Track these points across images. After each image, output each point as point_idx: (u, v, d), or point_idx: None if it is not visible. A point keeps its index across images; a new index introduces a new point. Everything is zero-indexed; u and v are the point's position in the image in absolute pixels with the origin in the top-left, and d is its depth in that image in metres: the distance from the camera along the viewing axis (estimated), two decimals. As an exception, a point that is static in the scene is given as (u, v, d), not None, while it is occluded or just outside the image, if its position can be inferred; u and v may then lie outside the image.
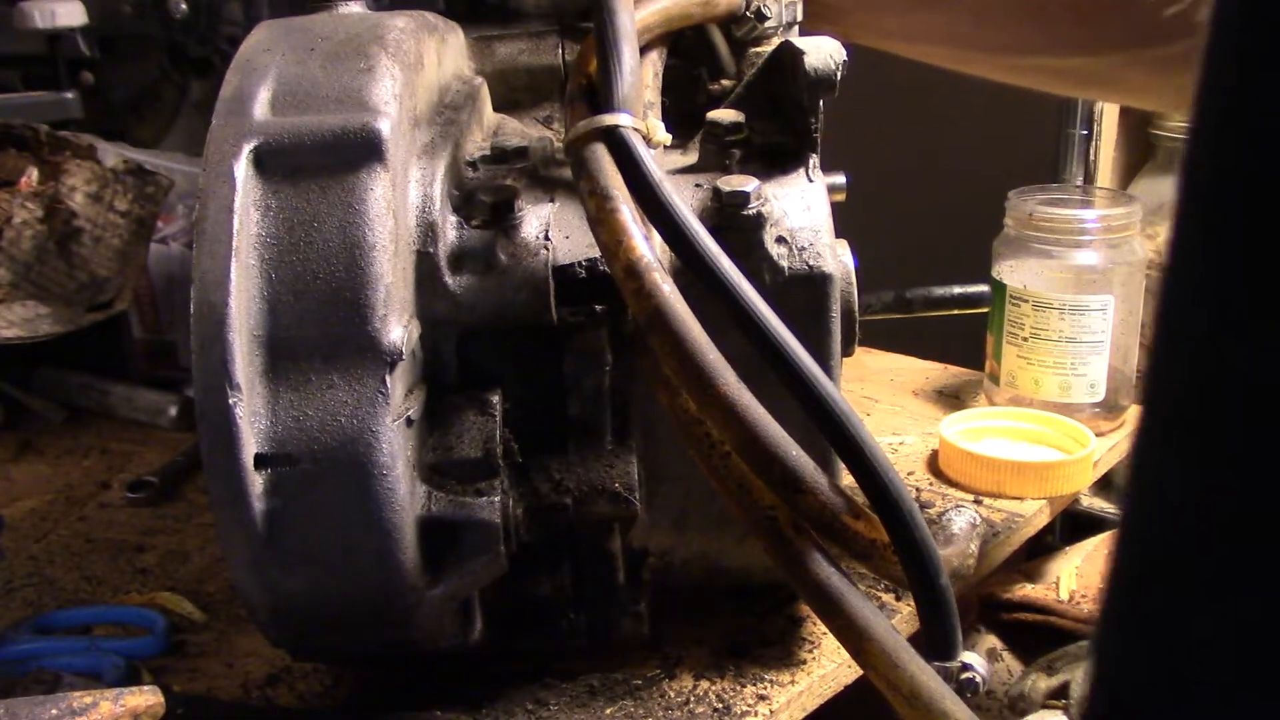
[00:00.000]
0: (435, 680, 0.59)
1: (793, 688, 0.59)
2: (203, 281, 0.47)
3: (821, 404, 0.47)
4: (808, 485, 0.48)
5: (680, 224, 0.48)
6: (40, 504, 0.84)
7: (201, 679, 0.62)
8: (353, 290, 0.48)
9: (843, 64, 0.56)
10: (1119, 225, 0.87)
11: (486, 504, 0.51)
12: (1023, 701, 0.80)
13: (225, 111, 0.50)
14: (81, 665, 0.61)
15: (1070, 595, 0.87)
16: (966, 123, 1.32)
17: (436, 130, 0.56)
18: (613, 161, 0.50)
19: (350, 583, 0.49)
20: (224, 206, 0.48)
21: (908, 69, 0.80)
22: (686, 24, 0.62)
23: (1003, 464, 0.80)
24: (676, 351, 0.47)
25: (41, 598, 0.71)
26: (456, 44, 0.64)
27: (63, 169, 0.91)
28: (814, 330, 0.54)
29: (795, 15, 0.68)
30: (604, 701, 0.58)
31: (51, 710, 0.48)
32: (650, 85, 0.59)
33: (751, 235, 0.54)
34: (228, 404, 0.46)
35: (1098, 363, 0.87)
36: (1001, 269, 0.90)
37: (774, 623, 0.64)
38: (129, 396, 0.99)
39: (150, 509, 0.83)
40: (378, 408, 0.48)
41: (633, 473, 0.56)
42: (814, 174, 0.58)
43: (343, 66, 0.52)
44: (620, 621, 0.59)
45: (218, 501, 0.48)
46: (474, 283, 0.53)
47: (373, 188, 0.49)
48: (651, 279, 0.48)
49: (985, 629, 0.89)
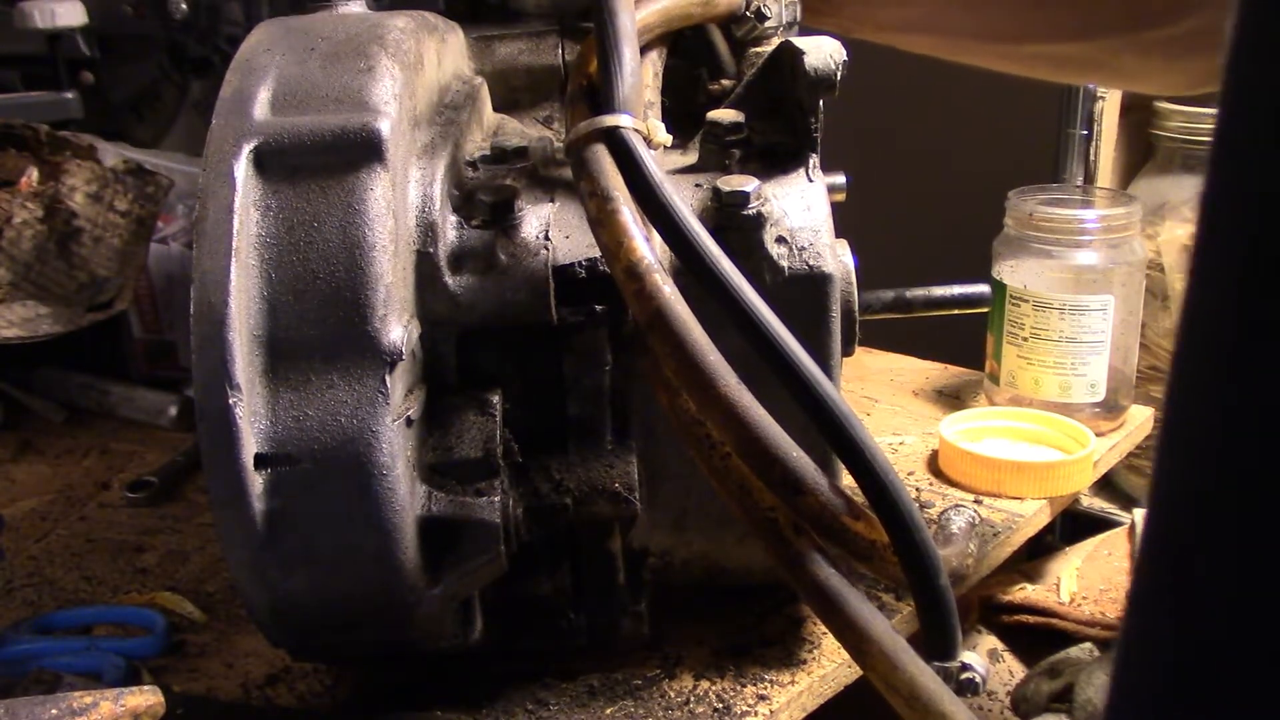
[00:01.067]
0: (435, 680, 0.59)
1: (793, 688, 0.59)
2: (203, 281, 0.47)
3: (821, 405, 0.47)
4: (808, 486, 0.48)
5: (680, 224, 0.48)
6: (40, 504, 0.84)
7: (201, 679, 0.62)
8: (353, 290, 0.48)
9: (843, 64, 0.56)
10: (1119, 225, 0.87)
11: (486, 504, 0.51)
12: (1025, 704, 0.80)
13: (225, 111, 0.50)
14: (81, 665, 0.61)
15: (1071, 597, 0.86)
16: (966, 123, 1.32)
17: (436, 130, 0.56)
18: (613, 162, 0.50)
19: (350, 583, 0.49)
20: (224, 206, 0.48)
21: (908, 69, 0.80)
22: (686, 24, 0.62)
23: (1003, 464, 0.80)
24: (677, 353, 0.47)
25: (41, 598, 0.71)
26: (456, 44, 0.64)
27: (63, 169, 0.91)
28: (814, 330, 0.54)
29: (795, 15, 0.68)
30: (604, 701, 0.58)
31: (51, 710, 0.48)
32: (650, 85, 0.59)
33: (751, 235, 0.54)
34: (228, 404, 0.46)
35: (1098, 363, 0.87)
36: (1001, 269, 0.90)
37: (774, 623, 0.64)
38: (129, 396, 0.99)
39: (150, 509, 0.83)
40: (378, 408, 0.48)
41: (633, 473, 0.56)
42: (814, 174, 0.58)
43: (343, 66, 0.52)
44: (620, 621, 0.59)
45: (218, 501, 0.47)
46: (474, 283, 0.53)
47: (373, 188, 0.49)
48: (652, 280, 0.48)
49: (985, 630, 0.89)
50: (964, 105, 1.28)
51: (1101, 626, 0.83)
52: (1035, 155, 1.14)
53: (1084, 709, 0.76)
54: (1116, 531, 0.96)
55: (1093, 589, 0.87)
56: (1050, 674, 0.81)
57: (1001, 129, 1.27)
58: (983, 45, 0.72)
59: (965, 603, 0.86)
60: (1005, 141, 1.25)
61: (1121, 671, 0.23)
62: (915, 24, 0.72)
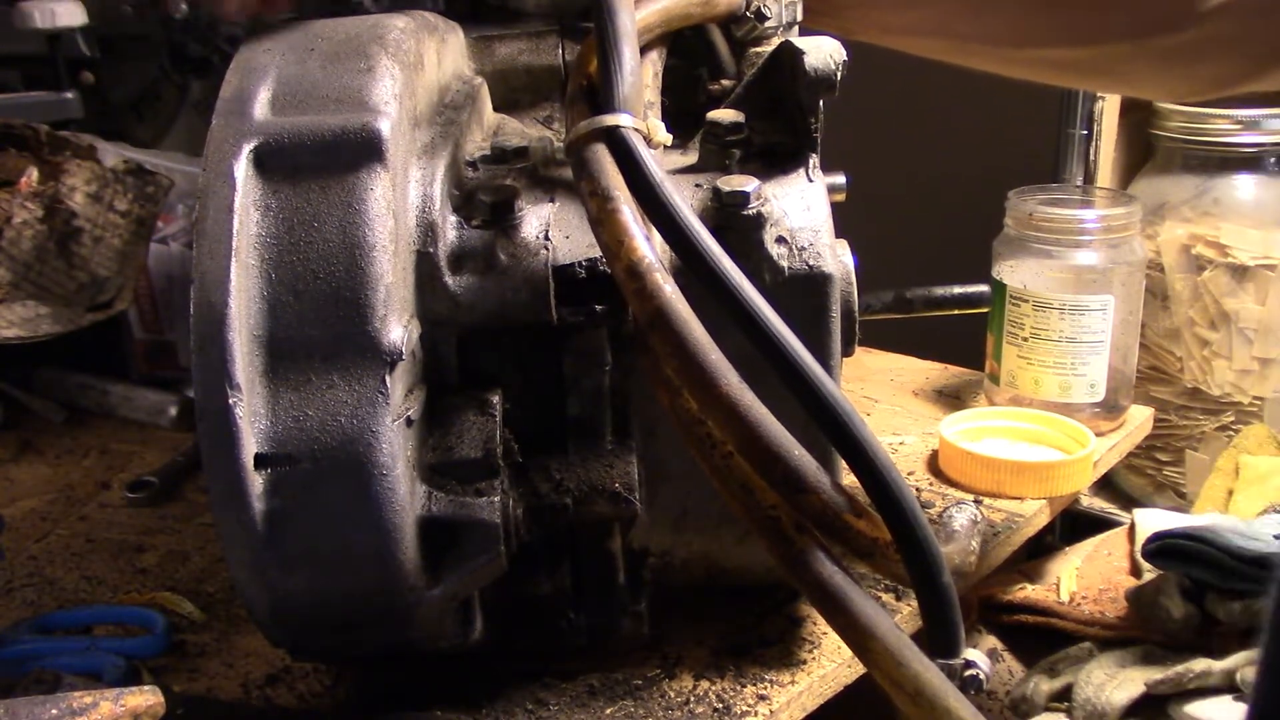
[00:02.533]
0: (435, 680, 0.59)
1: (793, 688, 0.59)
2: (203, 281, 0.47)
3: (823, 403, 0.47)
4: (810, 485, 0.48)
5: (681, 224, 0.48)
6: (40, 504, 0.84)
7: (201, 679, 0.62)
8: (353, 290, 0.48)
9: (843, 64, 0.56)
10: (1119, 225, 0.87)
11: (486, 504, 0.51)
12: (1025, 704, 0.80)
13: (225, 111, 0.50)
14: (81, 665, 0.61)
15: (1071, 597, 0.86)
16: (966, 123, 1.32)
17: (436, 130, 0.56)
18: (614, 162, 0.50)
19: (350, 583, 0.49)
20: (224, 206, 0.48)
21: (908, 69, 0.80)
22: (686, 24, 0.62)
23: (1003, 464, 0.80)
24: (678, 352, 0.47)
25: (41, 598, 0.71)
26: (456, 44, 0.64)
27: (63, 169, 0.91)
28: (814, 330, 0.54)
29: (795, 15, 0.68)
30: (604, 701, 0.58)
31: (51, 710, 0.48)
32: (650, 85, 0.59)
33: (751, 235, 0.54)
34: (228, 404, 0.46)
35: (1098, 363, 0.87)
36: (1001, 269, 0.90)
37: (774, 623, 0.64)
38: (129, 396, 0.99)
39: (150, 509, 0.83)
40: (378, 408, 0.48)
41: (633, 473, 0.56)
42: (814, 174, 0.58)
43: (343, 66, 0.52)
44: (620, 621, 0.59)
45: (218, 501, 0.47)
46: (474, 283, 0.53)
47: (373, 188, 0.49)
48: (653, 280, 0.48)
49: (985, 630, 0.89)
50: (964, 105, 1.28)
51: (1101, 626, 0.83)
52: (1035, 155, 1.14)
53: (1084, 709, 0.76)
54: (1116, 531, 0.96)
55: (1093, 589, 0.87)
56: (1050, 674, 0.81)
57: (1001, 129, 1.26)
58: (987, 49, 0.72)
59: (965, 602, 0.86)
60: (1005, 141, 1.25)
61: None
62: (918, 28, 0.71)
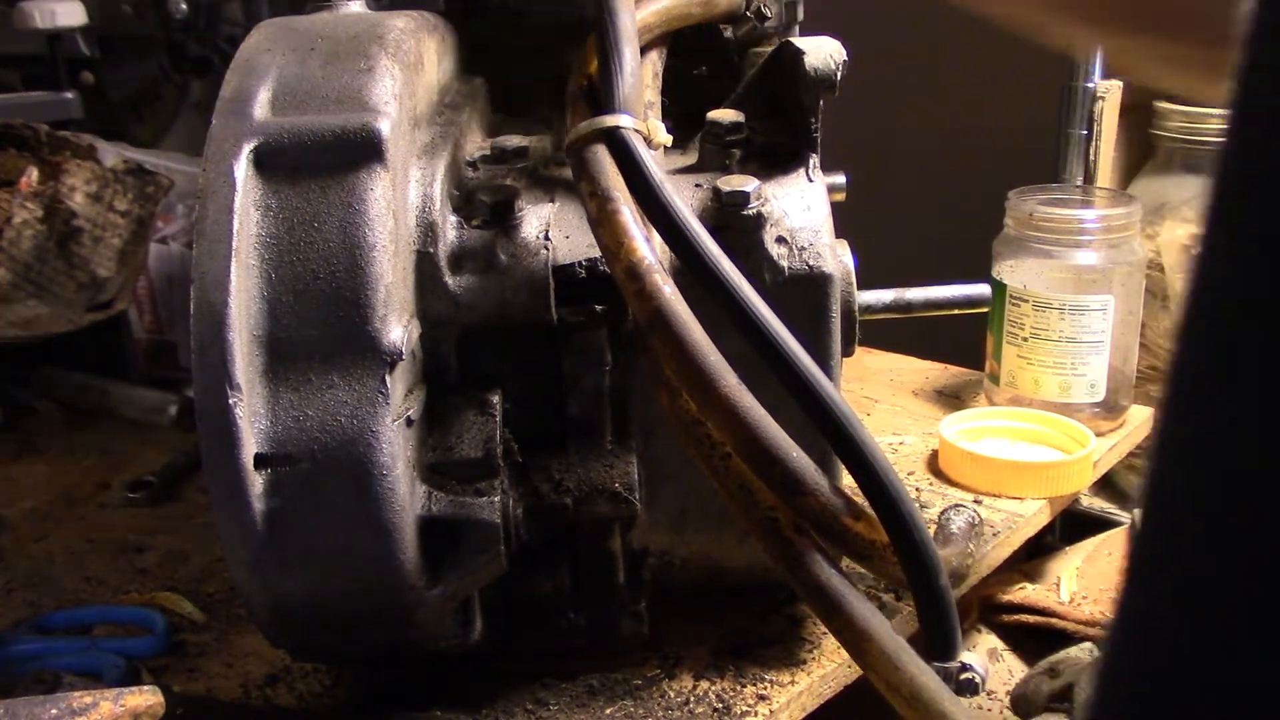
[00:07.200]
0: (435, 680, 0.59)
1: (793, 688, 0.59)
2: (203, 281, 0.47)
3: (821, 405, 0.47)
4: (808, 486, 0.48)
5: (680, 225, 0.48)
6: (40, 504, 0.84)
7: (201, 679, 0.62)
8: (353, 290, 0.48)
9: (843, 64, 0.56)
10: (1119, 225, 0.87)
11: (486, 504, 0.51)
12: (1025, 704, 0.80)
13: (225, 111, 0.50)
14: (81, 665, 0.61)
15: (1071, 597, 0.86)
16: (966, 123, 1.32)
17: (436, 130, 0.56)
18: (613, 162, 0.50)
19: (350, 583, 0.49)
20: (224, 206, 0.48)
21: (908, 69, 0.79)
22: (686, 24, 0.62)
23: (1002, 464, 0.80)
24: (678, 353, 0.47)
25: (41, 598, 0.71)
26: (456, 44, 0.64)
27: (63, 169, 0.91)
28: (814, 330, 0.54)
29: (796, 15, 0.68)
30: (604, 701, 0.58)
31: (51, 710, 0.48)
32: (650, 85, 0.59)
33: (751, 235, 0.54)
34: (228, 404, 0.46)
35: (1098, 363, 0.87)
36: (1001, 269, 0.90)
37: (774, 623, 0.64)
38: (129, 396, 0.99)
39: (150, 509, 0.83)
40: (378, 408, 0.48)
41: (633, 473, 0.56)
42: (814, 174, 0.58)
43: (343, 66, 0.52)
44: (620, 621, 0.59)
45: (218, 501, 0.47)
46: (474, 283, 0.53)
47: (373, 188, 0.49)
48: (653, 280, 0.48)
49: (985, 630, 0.89)
50: (964, 106, 1.28)
51: (1101, 626, 0.83)
52: (1035, 155, 1.14)
53: (1084, 709, 0.76)
54: (1116, 531, 0.96)
55: (1093, 589, 0.87)
56: (1050, 674, 0.81)
57: (1001, 129, 1.26)
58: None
59: (965, 602, 0.86)
60: (1005, 141, 1.25)
61: None
62: None
